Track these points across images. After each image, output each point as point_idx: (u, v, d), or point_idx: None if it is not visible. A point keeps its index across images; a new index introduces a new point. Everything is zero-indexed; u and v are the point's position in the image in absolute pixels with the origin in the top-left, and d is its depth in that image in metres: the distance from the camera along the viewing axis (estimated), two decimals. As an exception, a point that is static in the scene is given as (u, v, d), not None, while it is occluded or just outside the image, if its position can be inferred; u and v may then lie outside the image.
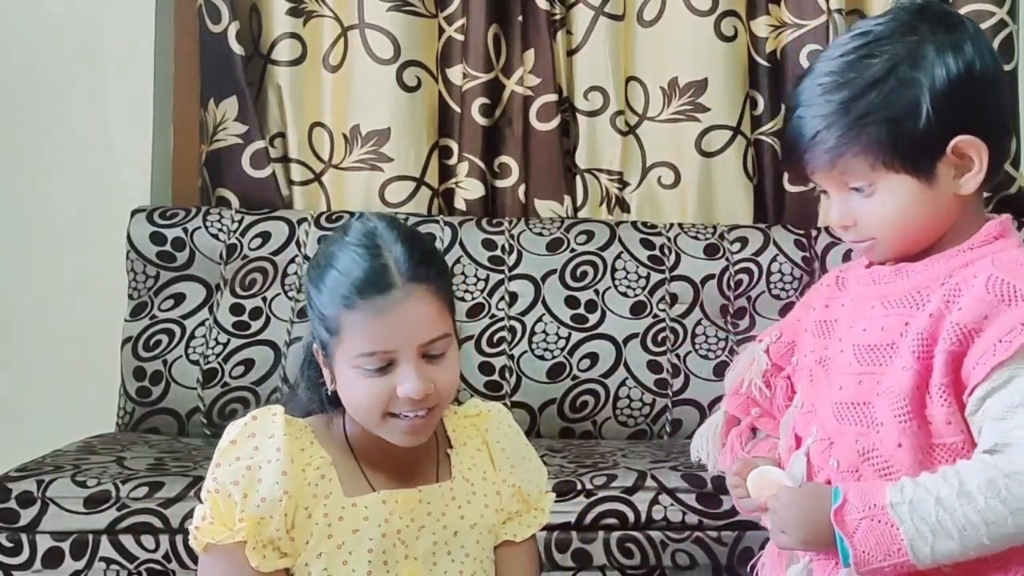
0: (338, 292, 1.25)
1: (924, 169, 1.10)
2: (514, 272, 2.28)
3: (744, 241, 2.33)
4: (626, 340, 2.22)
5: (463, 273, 2.28)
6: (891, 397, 1.09)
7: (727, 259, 2.31)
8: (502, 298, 2.27)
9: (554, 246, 2.31)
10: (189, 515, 1.61)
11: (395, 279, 1.24)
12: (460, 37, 2.45)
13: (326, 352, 1.29)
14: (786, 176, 2.47)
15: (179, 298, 2.27)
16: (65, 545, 1.68)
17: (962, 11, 2.41)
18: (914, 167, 1.10)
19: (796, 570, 1.17)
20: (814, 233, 2.37)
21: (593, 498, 1.71)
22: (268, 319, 2.23)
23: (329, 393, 1.32)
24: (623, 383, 2.20)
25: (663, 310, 2.26)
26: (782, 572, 1.20)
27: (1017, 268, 1.08)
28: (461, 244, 2.30)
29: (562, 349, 2.22)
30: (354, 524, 1.29)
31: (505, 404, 2.16)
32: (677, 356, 2.23)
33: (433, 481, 1.35)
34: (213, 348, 2.21)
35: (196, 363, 2.20)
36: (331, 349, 1.27)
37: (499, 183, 2.47)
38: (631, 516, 1.70)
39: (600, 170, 2.46)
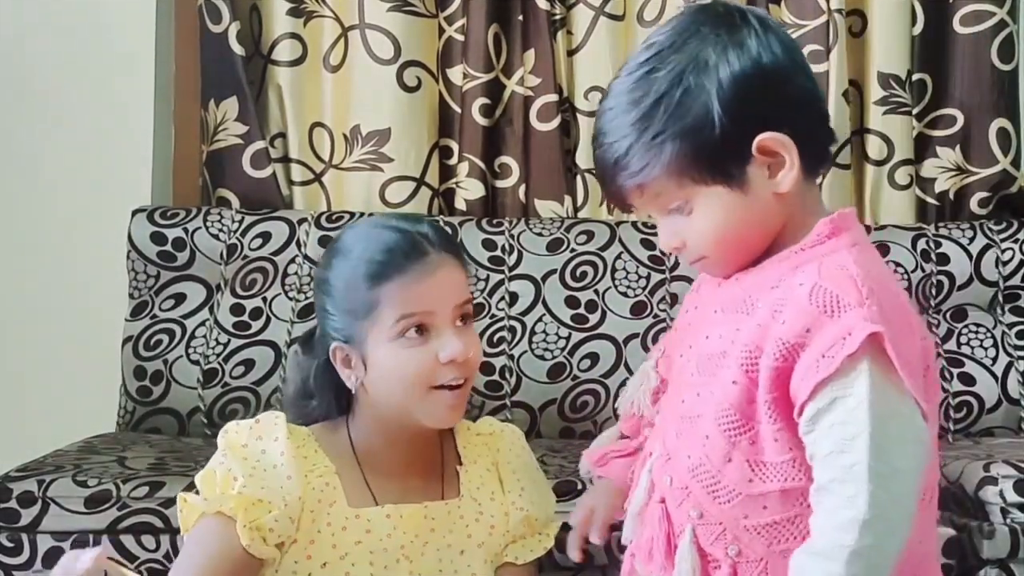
0: (371, 270, 1.28)
1: (734, 176, 1.05)
2: (514, 272, 2.28)
3: (744, 241, 2.33)
4: (626, 340, 2.22)
5: (463, 273, 2.28)
6: (718, 410, 1.05)
7: (727, 259, 2.31)
8: (502, 298, 2.27)
9: (554, 246, 2.31)
10: (190, 515, 1.61)
11: (429, 248, 1.29)
12: (460, 37, 2.45)
13: (353, 342, 1.29)
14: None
15: (180, 298, 2.27)
16: (66, 545, 1.68)
17: (962, 11, 2.44)
18: (723, 176, 1.05)
19: None
20: (814, 233, 2.37)
21: (593, 498, 1.71)
22: (268, 319, 2.23)
23: (354, 391, 1.31)
24: (623, 383, 2.20)
25: (664, 310, 2.26)
26: None
27: (840, 275, 1.02)
28: (461, 244, 2.30)
29: (562, 349, 2.22)
30: (357, 535, 1.28)
31: (505, 404, 2.17)
32: (677, 356, 2.23)
33: (439, 497, 1.33)
34: (214, 348, 2.21)
35: (197, 363, 2.20)
36: (362, 335, 1.28)
37: (499, 183, 2.47)
38: (631, 516, 1.70)
39: (600, 170, 2.47)
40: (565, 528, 1.44)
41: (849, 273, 1.03)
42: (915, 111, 2.45)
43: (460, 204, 2.44)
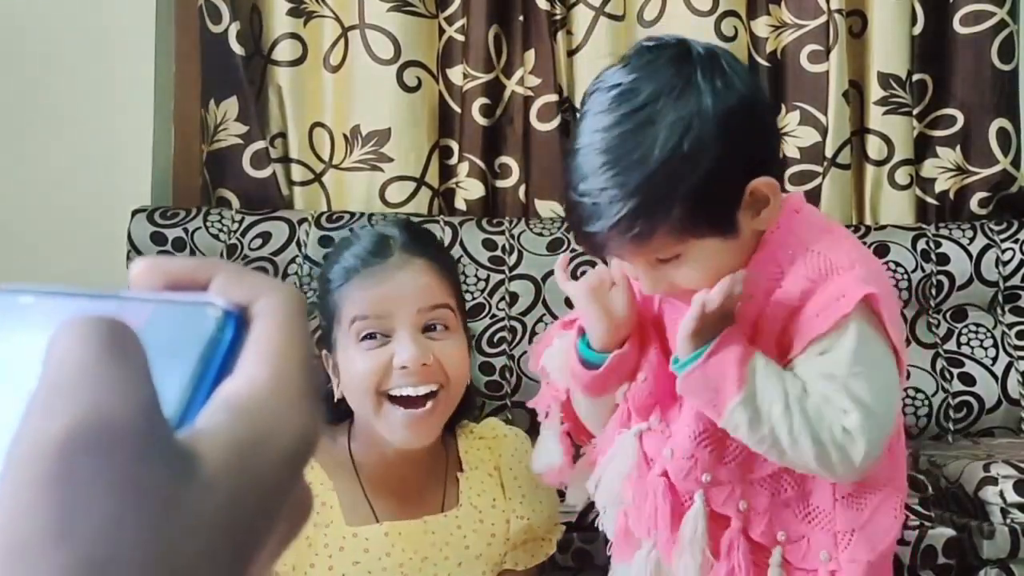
0: (332, 274, 1.28)
1: (729, 226, 1.05)
2: (515, 272, 2.28)
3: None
4: (626, 340, 2.22)
5: (463, 273, 2.28)
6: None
7: (727, 259, 2.31)
8: (503, 298, 2.27)
9: (555, 246, 2.31)
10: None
11: (392, 249, 1.26)
12: (461, 37, 2.45)
13: (331, 346, 1.28)
14: (787, 176, 2.48)
15: (179, 298, 2.27)
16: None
17: (962, 11, 2.44)
18: (721, 229, 1.05)
19: (642, 555, 1.15)
20: (814, 233, 2.37)
21: (594, 498, 1.71)
22: (268, 319, 2.23)
23: (336, 400, 1.29)
24: None
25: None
26: (630, 555, 1.18)
27: (828, 237, 1.08)
28: (461, 244, 2.30)
29: (562, 349, 2.21)
30: (355, 556, 1.25)
31: (505, 404, 2.17)
32: (677, 356, 2.23)
33: (439, 509, 1.31)
34: (213, 348, 2.21)
35: (196, 363, 2.20)
36: (334, 338, 1.26)
37: (500, 183, 2.47)
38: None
39: (600, 170, 2.47)
40: (567, 532, 1.44)
41: (836, 234, 1.09)
42: (915, 111, 2.45)
43: (460, 204, 2.44)
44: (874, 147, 2.45)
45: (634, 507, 1.15)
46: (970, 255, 2.32)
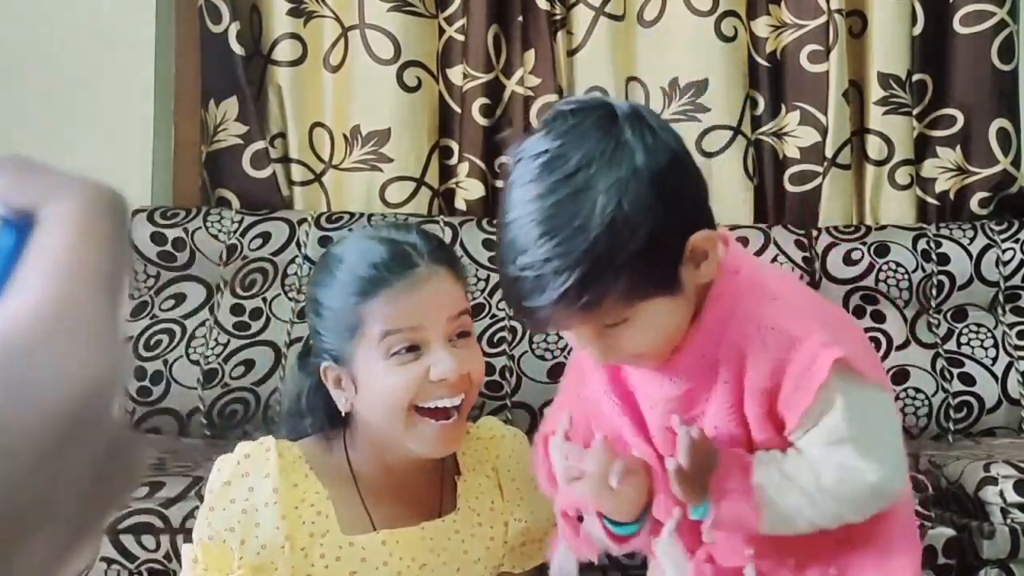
0: (356, 284, 1.22)
1: (674, 284, 1.03)
2: (514, 272, 2.28)
3: (744, 241, 2.33)
4: (626, 340, 2.22)
5: (463, 273, 2.29)
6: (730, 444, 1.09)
7: (727, 259, 2.30)
8: (503, 298, 2.27)
9: (554, 246, 2.30)
10: (190, 515, 1.61)
11: (418, 259, 1.23)
12: (460, 37, 2.45)
13: (341, 360, 1.24)
14: (787, 176, 2.48)
15: (179, 298, 2.27)
16: (65, 545, 1.68)
17: (962, 11, 2.44)
18: (667, 288, 1.02)
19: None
20: (814, 233, 2.37)
21: (593, 498, 1.71)
22: (268, 320, 2.23)
23: (344, 414, 1.26)
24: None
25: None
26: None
27: (776, 307, 1.06)
28: (462, 244, 2.30)
29: (562, 349, 2.21)
30: (352, 565, 1.24)
31: (505, 404, 2.17)
32: (677, 356, 2.23)
33: (437, 514, 1.29)
34: (213, 348, 2.21)
35: (196, 363, 2.20)
36: (351, 354, 1.22)
37: (500, 183, 2.47)
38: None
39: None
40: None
41: (785, 302, 1.07)
42: (915, 111, 2.45)
43: (460, 204, 2.44)
44: (874, 147, 2.45)
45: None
46: (970, 255, 2.32)
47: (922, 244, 2.32)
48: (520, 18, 2.45)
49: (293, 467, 1.26)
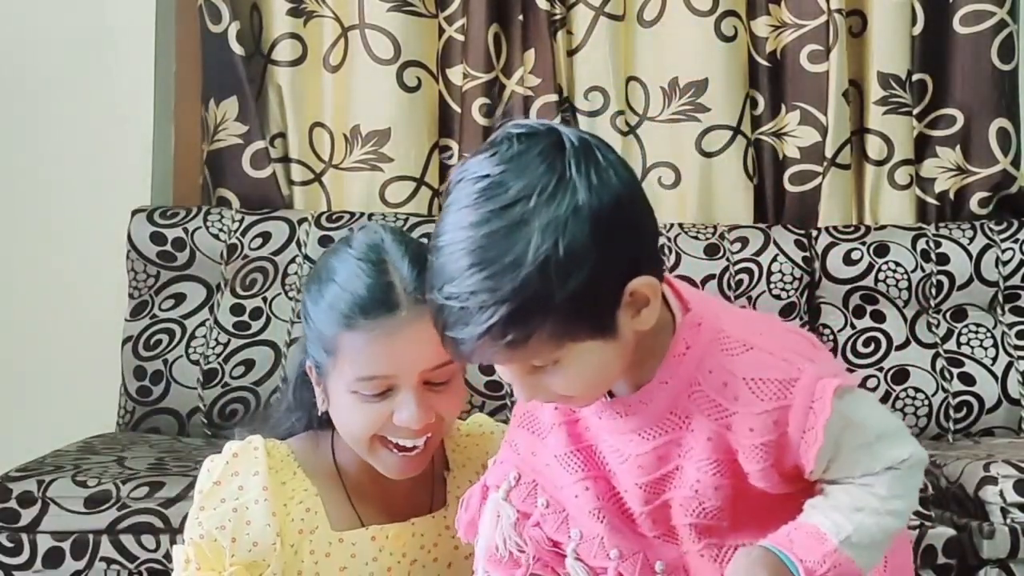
0: (338, 309, 1.18)
1: (609, 328, 0.98)
2: (514, 272, 2.28)
3: (744, 241, 2.33)
4: (626, 340, 2.22)
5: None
6: (706, 512, 1.06)
7: (727, 259, 2.31)
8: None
9: (554, 246, 2.30)
10: (190, 515, 1.61)
11: (400, 298, 1.16)
12: (460, 37, 2.45)
13: (320, 372, 1.22)
14: (786, 176, 2.48)
15: (179, 298, 2.27)
16: (66, 545, 1.69)
17: (962, 11, 2.44)
18: (600, 330, 0.98)
19: None
20: (814, 233, 2.37)
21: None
22: (268, 319, 2.23)
23: (320, 414, 1.26)
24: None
25: (663, 310, 2.26)
26: None
27: (754, 356, 1.03)
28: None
29: (562, 349, 2.21)
30: (341, 561, 1.24)
31: (505, 404, 2.17)
32: (677, 356, 2.22)
33: (427, 510, 1.29)
34: (213, 348, 2.21)
35: (196, 363, 2.20)
36: (326, 369, 1.21)
37: (499, 183, 2.46)
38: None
39: (600, 170, 2.46)
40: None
41: (759, 346, 1.04)
42: (915, 111, 2.45)
43: (460, 204, 2.44)
44: (874, 147, 2.45)
45: None
46: (970, 255, 2.32)
47: (922, 244, 2.32)
48: (520, 18, 2.45)
49: (282, 465, 1.26)
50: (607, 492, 1.11)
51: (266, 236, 2.30)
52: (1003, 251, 2.32)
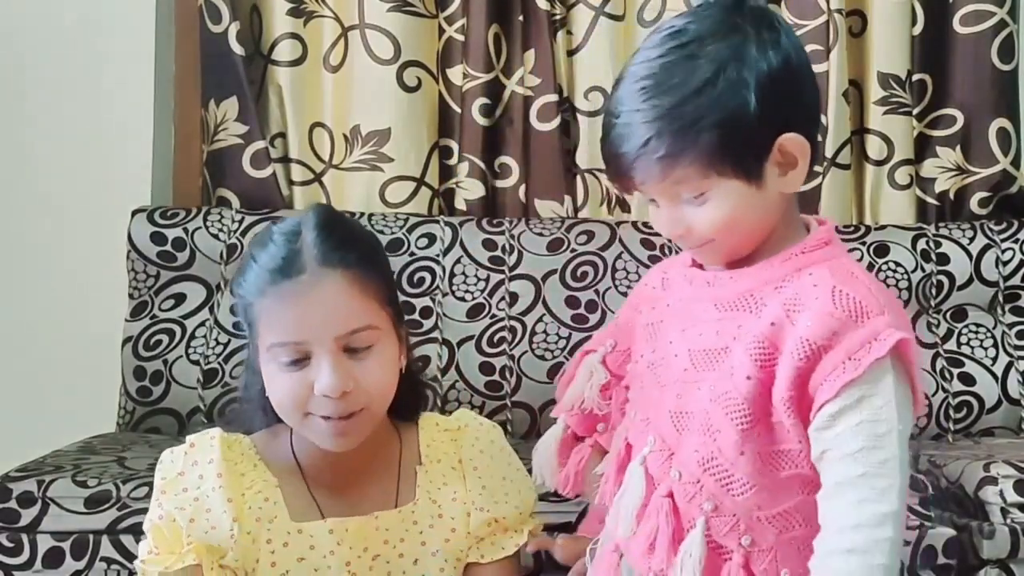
0: (254, 281, 1.21)
1: (754, 172, 1.07)
2: (514, 272, 2.28)
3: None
4: (626, 340, 2.22)
5: (463, 273, 2.28)
6: (730, 404, 1.07)
7: (727, 259, 2.31)
8: (502, 298, 2.27)
9: (554, 246, 2.31)
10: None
11: (306, 264, 1.18)
12: (460, 37, 2.45)
13: (253, 353, 1.24)
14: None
15: (179, 298, 2.27)
16: (66, 545, 1.69)
17: (962, 11, 2.44)
18: (745, 171, 1.07)
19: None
20: (814, 233, 2.37)
21: (593, 498, 1.71)
22: (268, 319, 2.23)
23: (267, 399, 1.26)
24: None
25: (663, 310, 2.26)
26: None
27: (855, 282, 1.07)
28: (461, 244, 2.30)
29: (562, 349, 2.21)
30: (299, 552, 1.23)
31: (505, 404, 2.17)
32: (677, 356, 2.22)
33: (392, 504, 1.27)
34: (214, 348, 2.21)
35: (197, 363, 2.20)
36: (254, 344, 1.22)
37: (499, 183, 2.47)
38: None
39: (601, 170, 2.46)
40: (569, 529, 1.44)
41: (863, 281, 1.08)
42: (915, 111, 2.45)
43: (460, 204, 2.44)
44: (874, 147, 2.45)
45: (636, 527, 1.14)
46: (970, 255, 2.32)
47: (922, 244, 2.32)
48: (520, 18, 2.45)
49: (242, 457, 1.27)
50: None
51: (266, 236, 2.30)
52: (1003, 251, 2.32)
